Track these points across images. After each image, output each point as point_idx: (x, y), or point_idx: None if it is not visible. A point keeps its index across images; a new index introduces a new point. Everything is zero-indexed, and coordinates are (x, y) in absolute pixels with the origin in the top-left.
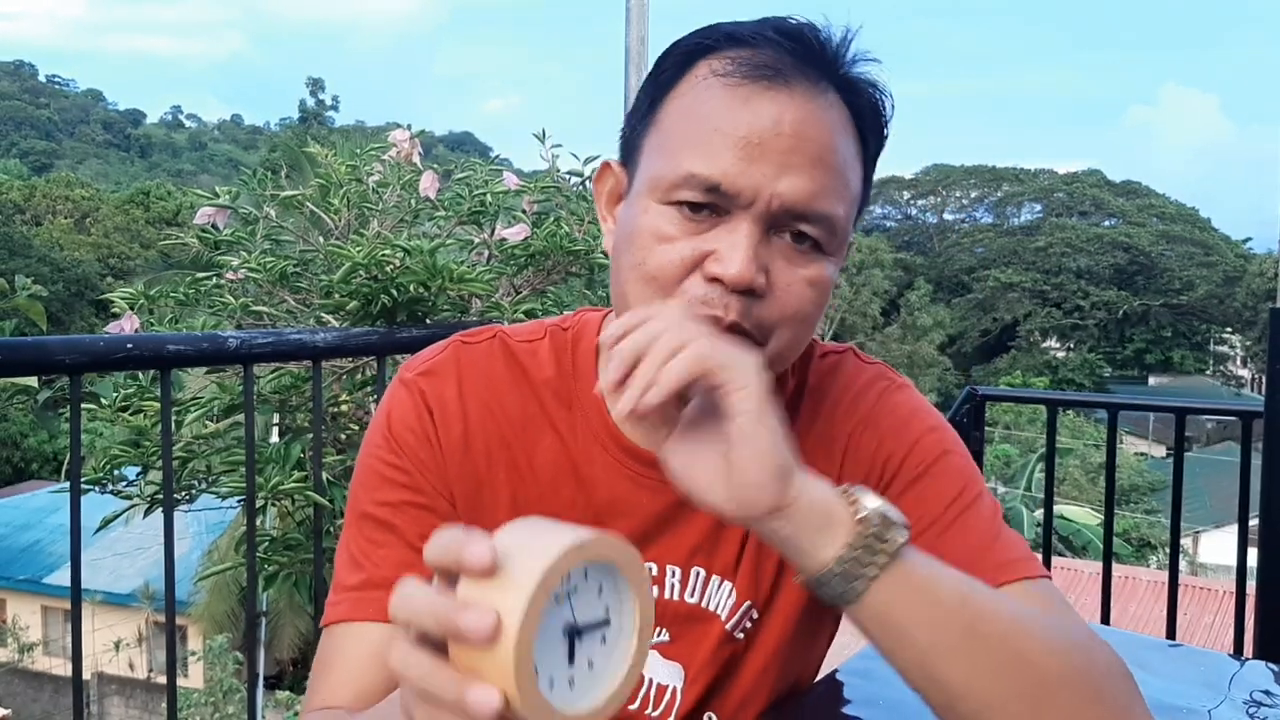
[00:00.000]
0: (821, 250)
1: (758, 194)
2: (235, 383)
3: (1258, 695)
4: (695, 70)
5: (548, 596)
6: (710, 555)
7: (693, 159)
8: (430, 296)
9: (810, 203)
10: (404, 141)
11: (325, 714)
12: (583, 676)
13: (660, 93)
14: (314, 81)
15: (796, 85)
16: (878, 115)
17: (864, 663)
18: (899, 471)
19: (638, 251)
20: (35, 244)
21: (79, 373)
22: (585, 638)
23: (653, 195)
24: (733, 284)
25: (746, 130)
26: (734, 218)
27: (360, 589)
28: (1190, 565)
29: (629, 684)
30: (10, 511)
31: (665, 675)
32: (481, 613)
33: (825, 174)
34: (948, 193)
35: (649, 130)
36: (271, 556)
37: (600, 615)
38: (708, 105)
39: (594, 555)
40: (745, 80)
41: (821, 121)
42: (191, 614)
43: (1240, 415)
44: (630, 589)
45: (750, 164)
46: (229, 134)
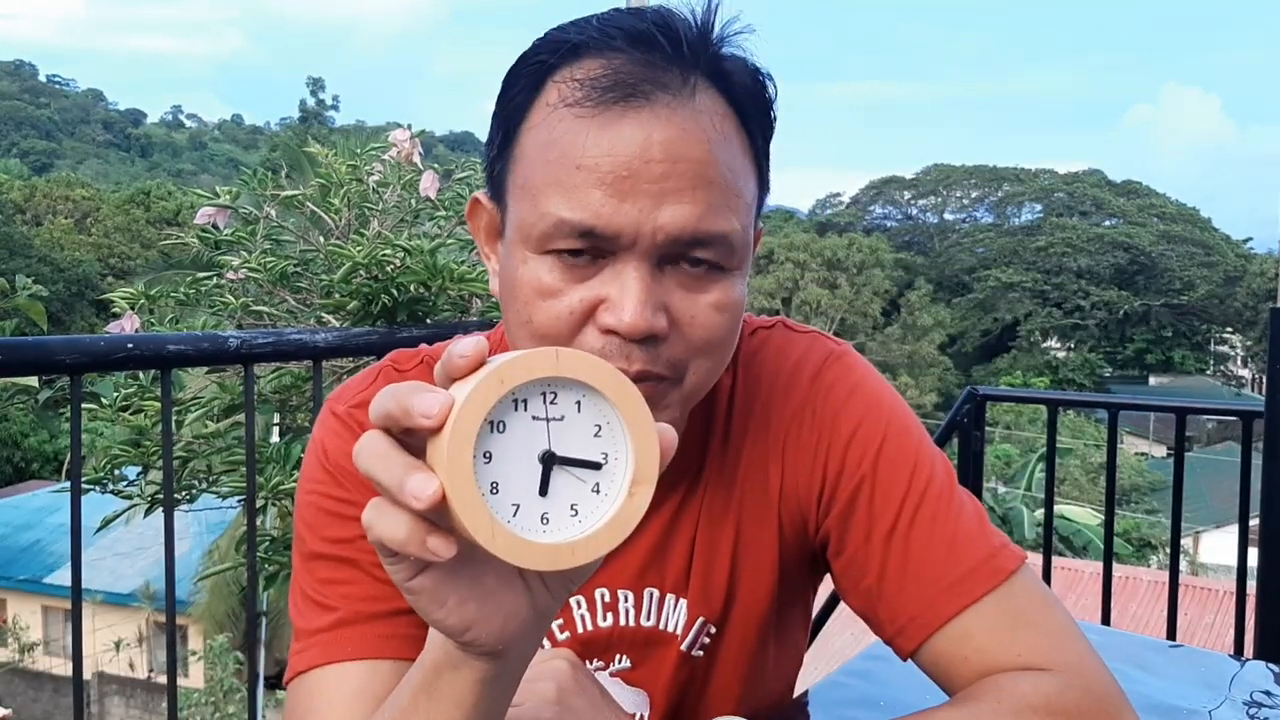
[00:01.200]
0: (721, 269)
1: (638, 231)
2: (236, 383)
3: (1258, 696)
4: (545, 95)
5: (503, 389)
6: (661, 574)
7: (559, 204)
8: (431, 296)
9: (699, 226)
10: (404, 141)
11: None
12: (560, 516)
13: (512, 122)
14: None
15: (657, 98)
16: (760, 98)
17: (864, 664)
18: (843, 469)
19: (522, 308)
20: (36, 244)
21: (79, 372)
22: (568, 474)
23: (527, 245)
24: (628, 334)
25: (612, 164)
26: (619, 259)
27: (331, 630)
28: (1191, 565)
29: (602, 541)
30: (11, 511)
31: (630, 703)
32: (435, 394)
33: (709, 192)
34: (948, 193)
35: (509, 167)
36: (272, 556)
37: (592, 457)
38: (564, 140)
39: (571, 371)
40: (600, 106)
41: (693, 134)
42: (192, 614)
43: (1241, 415)
44: (627, 436)
45: (623, 200)
46: (229, 134)
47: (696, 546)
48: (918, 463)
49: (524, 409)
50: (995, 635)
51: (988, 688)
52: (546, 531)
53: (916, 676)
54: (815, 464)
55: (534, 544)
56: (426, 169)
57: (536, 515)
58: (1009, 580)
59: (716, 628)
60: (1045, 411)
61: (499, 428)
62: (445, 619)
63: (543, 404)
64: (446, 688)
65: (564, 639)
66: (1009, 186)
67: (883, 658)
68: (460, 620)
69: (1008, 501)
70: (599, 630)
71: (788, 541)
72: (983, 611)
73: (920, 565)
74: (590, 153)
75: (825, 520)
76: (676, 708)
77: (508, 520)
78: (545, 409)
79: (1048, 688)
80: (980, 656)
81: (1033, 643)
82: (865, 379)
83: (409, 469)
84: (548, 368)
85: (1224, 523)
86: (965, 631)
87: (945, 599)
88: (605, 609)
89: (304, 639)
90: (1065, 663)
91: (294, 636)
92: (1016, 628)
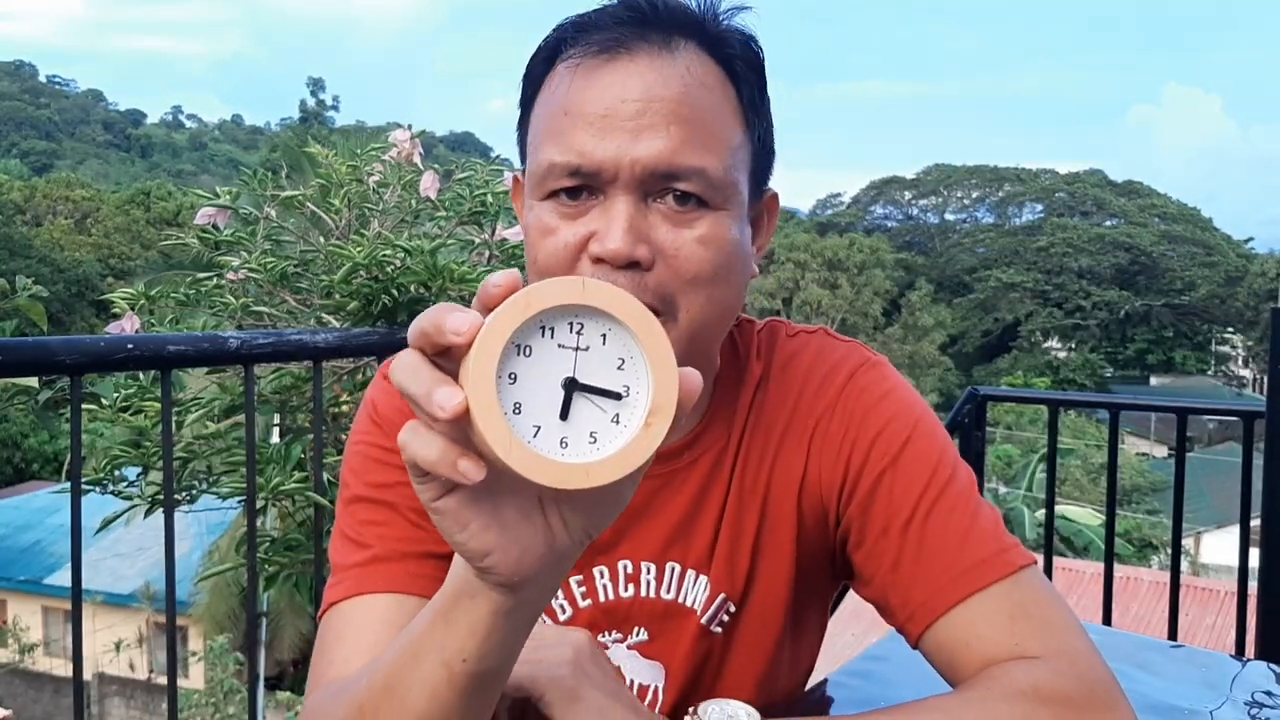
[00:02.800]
0: (707, 205)
1: (618, 165)
2: (236, 383)
3: (1259, 696)
4: (555, 67)
5: (528, 312)
6: (685, 549)
7: (550, 149)
8: (431, 297)
9: (673, 159)
10: (404, 141)
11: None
12: (579, 442)
13: (529, 96)
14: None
15: (639, 50)
16: (750, 60)
17: (864, 664)
18: (866, 464)
19: (530, 249)
20: (36, 244)
21: (80, 373)
22: (589, 403)
23: (533, 195)
24: (612, 259)
25: (593, 106)
26: (607, 195)
27: (364, 565)
28: (1192, 566)
29: (615, 466)
30: (11, 512)
31: (646, 675)
32: (466, 313)
33: (683, 127)
34: (949, 193)
35: (526, 135)
36: (272, 557)
37: (614, 388)
38: (558, 93)
39: (595, 300)
40: (588, 58)
41: (670, 78)
42: (192, 614)
43: (1242, 415)
44: (649, 371)
45: (603, 138)
46: (229, 134)
47: (723, 525)
48: (940, 462)
49: (550, 336)
50: (996, 624)
51: (981, 678)
52: (564, 454)
53: (917, 677)
54: (840, 457)
55: (549, 461)
56: (427, 169)
57: (556, 438)
58: (1016, 574)
59: (736, 606)
60: (1046, 412)
61: (525, 351)
62: (467, 542)
63: (570, 333)
64: (463, 615)
65: (586, 606)
66: (1010, 186)
67: (883, 658)
68: (480, 545)
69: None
70: (620, 600)
71: (806, 532)
72: (987, 600)
73: (933, 554)
74: (576, 100)
75: (846, 511)
76: (693, 683)
77: (528, 439)
78: (572, 338)
79: (1038, 674)
80: (980, 644)
81: (1030, 633)
82: (898, 387)
83: (437, 382)
84: (573, 295)
85: (1225, 523)
86: (968, 618)
87: (953, 586)
88: (627, 580)
89: (338, 574)
90: (1058, 652)
91: (330, 574)
92: (1017, 618)
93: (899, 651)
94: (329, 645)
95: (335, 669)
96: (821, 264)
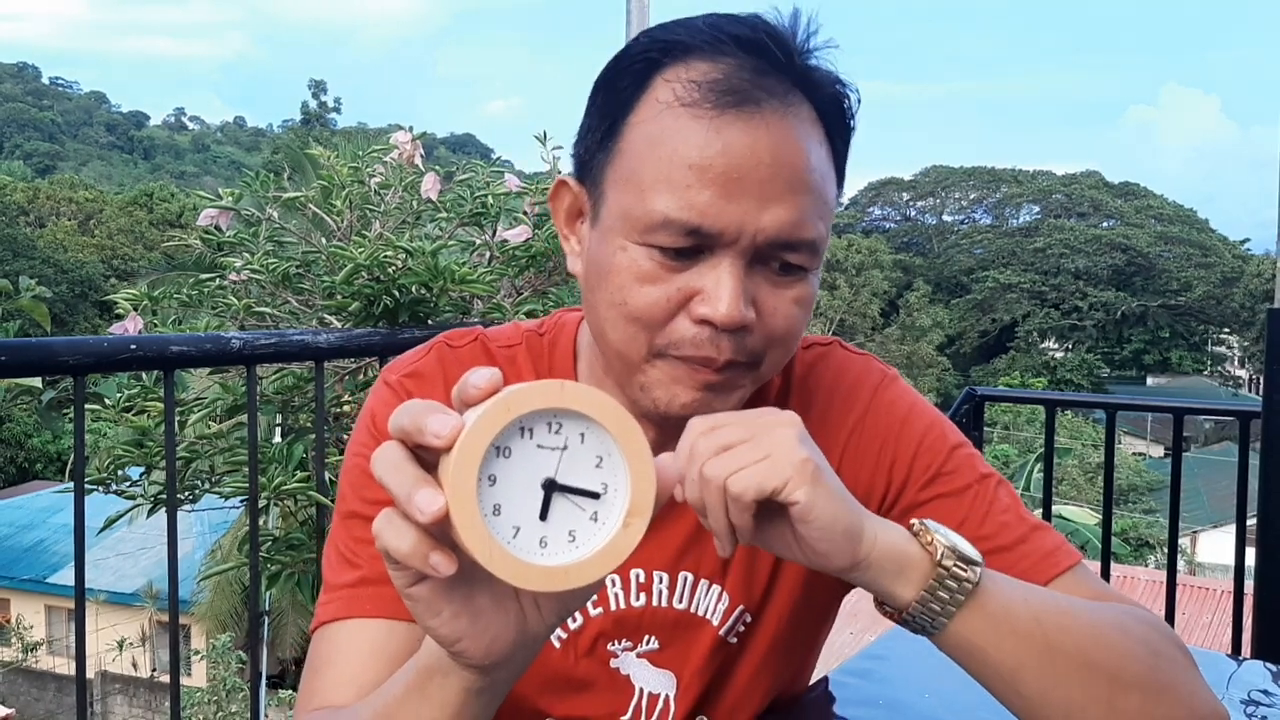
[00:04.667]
0: (806, 271)
1: (741, 230)
2: (238, 383)
3: (1255, 695)
4: (654, 90)
5: (509, 416)
6: (698, 559)
7: (668, 200)
8: (432, 298)
9: (795, 232)
10: (406, 143)
11: (325, 714)
12: (558, 541)
13: (619, 113)
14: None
15: (766, 105)
16: (842, 111)
17: (863, 663)
18: (910, 475)
19: (616, 291)
20: (39, 246)
21: (83, 373)
22: (568, 502)
23: (627, 234)
24: (723, 325)
25: (724, 165)
26: (716, 255)
27: (355, 586)
28: (1188, 565)
29: (595, 567)
30: (14, 511)
31: (657, 684)
32: (447, 415)
33: (805, 197)
34: (946, 194)
35: (612, 156)
36: (274, 556)
37: (592, 487)
38: (677, 138)
39: (575, 404)
40: (713, 109)
41: (795, 141)
42: (195, 613)
43: (1238, 415)
44: (626, 470)
45: (729, 201)
46: (232, 136)
47: None
48: (985, 471)
49: (529, 437)
50: (1090, 595)
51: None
52: (544, 555)
53: (917, 674)
54: (879, 469)
55: (530, 565)
56: (428, 171)
57: (535, 539)
58: (1076, 566)
59: (753, 616)
60: (1043, 412)
61: (505, 453)
62: (438, 628)
63: (549, 433)
64: (436, 691)
65: (597, 614)
66: (1007, 188)
67: (882, 656)
68: (451, 632)
69: None
70: (631, 609)
71: None
72: (1069, 581)
73: (1000, 551)
74: (704, 153)
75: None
76: (704, 692)
77: (507, 541)
78: (551, 438)
79: (1153, 619)
80: None
81: (1118, 599)
82: (918, 399)
83: (418, 483)
84: (553, 399)
85: (1221, 522)
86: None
87: (1039, 569)
88: (639, 589)
89: (330, 593)
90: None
91: (323, 590)
92: (1100, 593)
93: (898, 650)
94: (317, 669)
95: (321, 695)
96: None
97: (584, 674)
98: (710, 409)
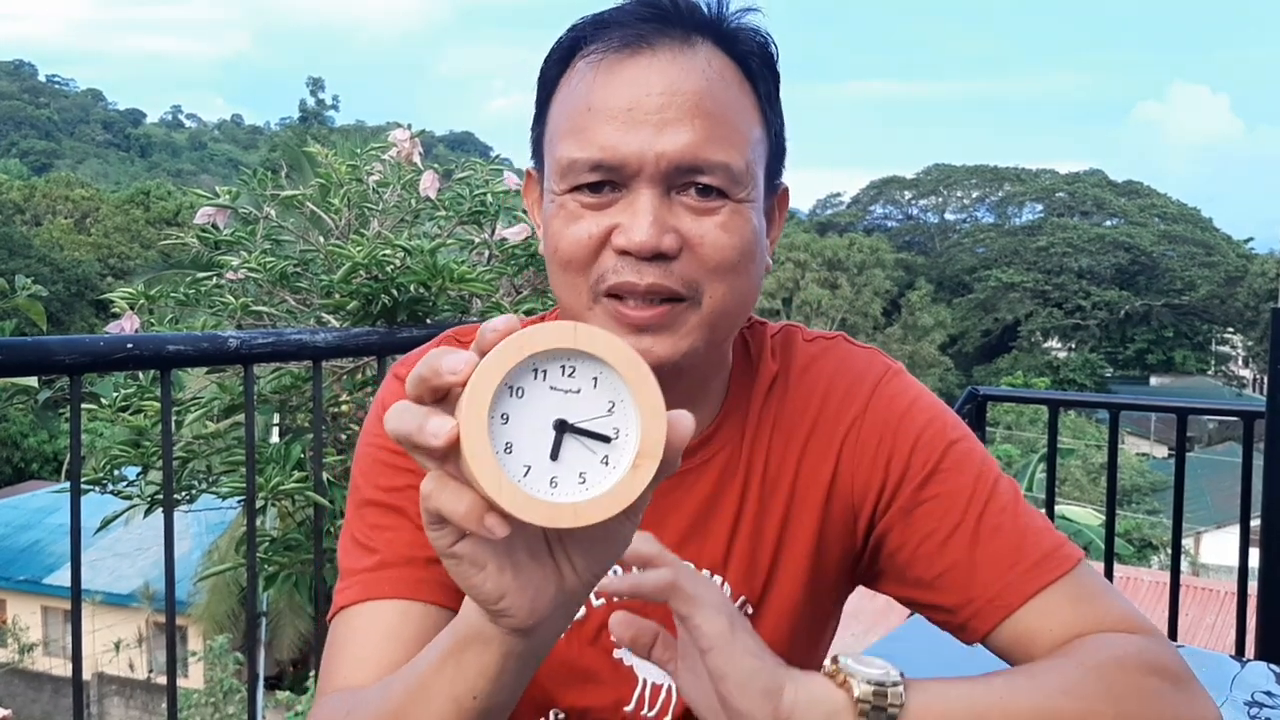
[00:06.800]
0: (727, 197)
1: (643, 159)
2: (235, 383)
3: (1259, 696)
4: (573, 63)
5: (520, 354)
6: (699, 549)
7: (574, 144)
8: (431, 296)
9: (698, 153)
10: (404, 141)
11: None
12: (568, 482)
13: (546, 92)
14: (314, 81)
15: (660, 46)
16: (765, 57)
17: None
18: (906, 472)
19: (550, 240)
20: (35, 244)
21: (79, 373)
22: (579, 444)
23: (554, 189)
24: (638, 251)
25: (617, 100)
26: (631, 189)
27: (373, 570)
28: (1192, 566)
29: (604, 506)
30: (10, 512)
31: (660, 674)
32: (461, 354)
33: (707, 122)
34: (949, 192)
35: (543, 131)
36: (272, 557)
37: (603, 430)
38: (579, 88)
39: (586, 345)
40: (609, 54)
41: (692, 72)
42: (192, 614)
43: (1242, 415)
44: (637, 415)
45: (628, 132)
46: (229, 134)
47: (741, 526)
48: (981, 469)
49: (543, 378)
50: (1076, 608)
51: (1083, 643)
52: (554, 494)
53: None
54: (876, 464)
55: (537, 501)
56: (427, 169)
57: (546, 478)
58: (1077, 567)
59: (755, 608)
60: (1046, 412)
61: (518, 393)
62: (482, 584)
63: (562, 375)
64: (474, 659)
65: (599, 605)
66: (1010, 186)
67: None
68: (496, 588)
69: None
70: (633, 600)
71: (830, 536)
72: (1057, 592)
73: (994, 553)
74: (599, 95)
75: (884, 517)
76: None
77: (518, 479)
78: (564, 381)
79: (1139, 644)
80: (1063, 629)
81: (1112, 611)
82: (922, 393)
83: (430, 413)
84: (565, 340)
85: (1225, 523)
86: (1043, 610)
87: (1025, 580)
88: None
89: (347, 578)
90: (1144, 628)
91: (339, 577)
92: (1095, 600)
93: (899, 650)
94: (336, 651)
95: (341, 676)
96: (821, 264)
97: (588, 664)
98: (655, 355)
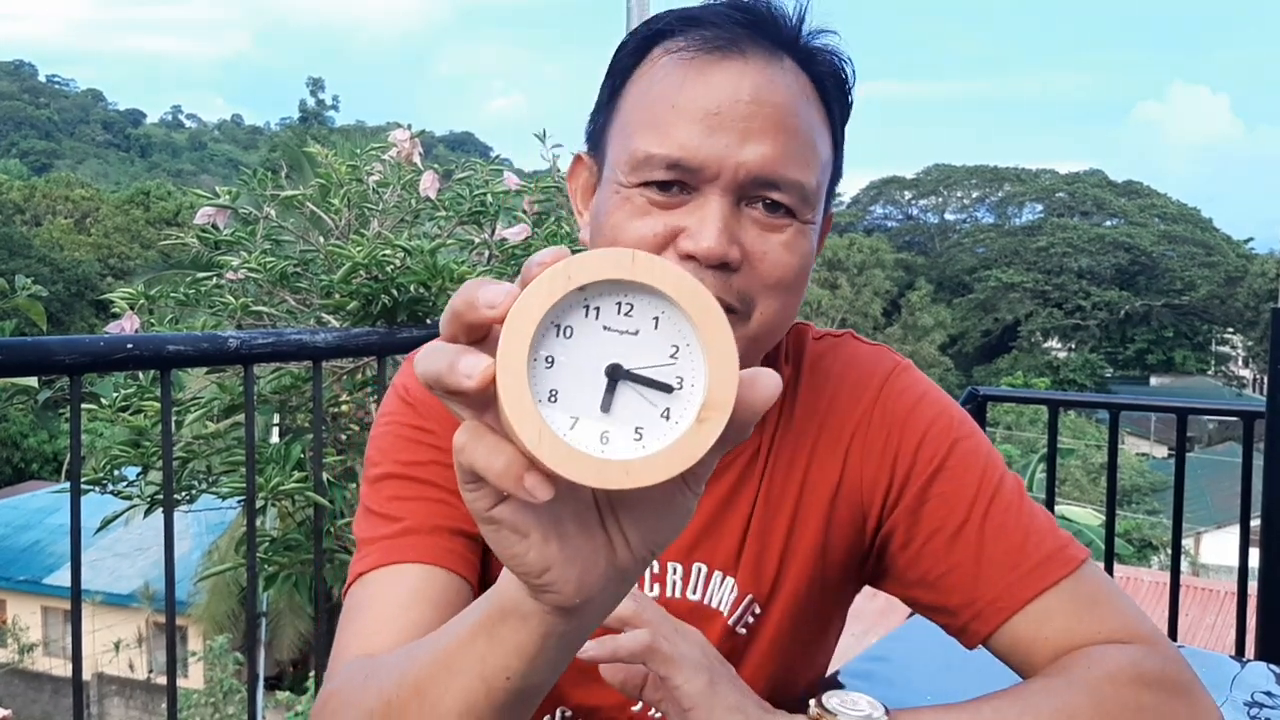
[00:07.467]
0: (794, 217)
1: (722, 165)
2: (235, 383)
3: (1259, 696)
4: (652, 55)
5: (569, 285)
6: (712, 550)
7: (652, 138)
8: (431, 296)
9: (777, 169)
10: (404, 141)
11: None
12: (621, 438)
13: (619, 80)
14: (314, 81)
15: (751, 54)
16: (840, 81)
17: (865, 664)
18: (913, 468)
19: (609, 231)
20: (35, 244)
21: (79, 373)
22: (636, 394)
23: (620, 179)
24: (705, 259)
25: (704, 102)
26: (702, 193)
27: (395, 536)
28: (1192, 566)
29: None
30: (10, 512)
31: None
32: (500, 285)
33: (789, 139)
34: (949, 193)
35: (612, 119)
36: (272, 557)
37: (665, 378)
38: (664, 83)
39: (646, 276)
40: (700, 54)
41: (779, 87)
42: (192, 614)
43: (1242, 415)
44: (704, 361)
45: (711, 135)
46: (229, 134)
47: (751, 527)
48: (989, 463)
49: (595, 316)
50: (1075, 614)
51: (1076, 658)
52: (604, 451)
53: (919, 676)
54: (883, 462)
55: (584, 456)
56: (426, 169)
57: (595, 432)
58: (1080, 568)
59: (762, 607)
60: (1046, 412)
61: (565, 332)
62: (525, 554)
63: (617, 314)
64: (511, 635)
65: None
66: (1010, 186)
67: (884, 658)
68: (540, 559)
69: None
70: None
71: (837, 536)
72: (1058, 594)
73: (996, 554)
74: (686, 93)
75: (891, 515)
76: None
77: (563, 432)
78: (620, 320)
79: (1135, 656)
80: (1061, 635)
81: (1110, 619)
82: (930, 388)
83: (463, 351)
84: (622, 269)
85: (1225, 523)
86: (1045, 612)
87: (1024, 583)
88: (653, 579)
89: (365, 547)
90: (1143, 636)
91: (357, 548)
92: (1095, 606)
93: (900, 651)
94: (354, 617)
95: (360, 639)
96: (821, 264)
97: None
98: None
